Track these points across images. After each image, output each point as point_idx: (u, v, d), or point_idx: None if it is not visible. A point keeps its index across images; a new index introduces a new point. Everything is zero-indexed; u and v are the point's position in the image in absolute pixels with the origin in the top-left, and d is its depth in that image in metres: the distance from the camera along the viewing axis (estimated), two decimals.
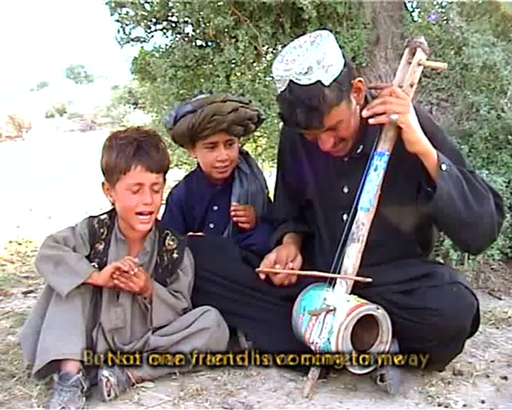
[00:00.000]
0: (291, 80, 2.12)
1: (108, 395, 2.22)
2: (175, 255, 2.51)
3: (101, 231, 2.42)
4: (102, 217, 2.45)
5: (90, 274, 2.29)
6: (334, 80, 2.13)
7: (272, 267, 2.47)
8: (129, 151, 2.32)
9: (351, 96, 2.22)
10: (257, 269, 2.48)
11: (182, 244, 2.53)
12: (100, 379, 2.23)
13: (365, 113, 2.20)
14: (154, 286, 2.41)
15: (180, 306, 2.49)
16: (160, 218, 2.66)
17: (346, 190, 2.43)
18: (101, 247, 2.40)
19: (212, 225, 2.99)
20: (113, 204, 2.46)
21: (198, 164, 3.07)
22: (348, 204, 2.32)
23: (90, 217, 2.45)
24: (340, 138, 2.29)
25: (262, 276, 2.49)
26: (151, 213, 2.39)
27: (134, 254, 2.45)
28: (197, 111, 2.80)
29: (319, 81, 2.10)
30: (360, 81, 2.24)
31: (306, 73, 2.09)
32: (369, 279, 2.19)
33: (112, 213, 2.47)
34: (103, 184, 2.42)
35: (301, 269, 2.47)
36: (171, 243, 2.52)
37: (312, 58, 2.10)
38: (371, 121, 2.18)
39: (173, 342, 2.39)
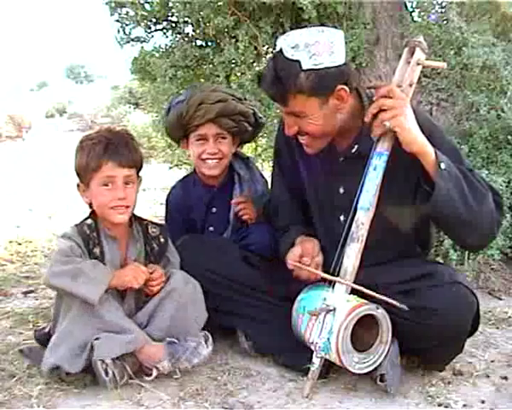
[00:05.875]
0: (281, 48, 2.19)
1: (107, 375, 2.23)
2: (162, 240, 2.57)
3: (94, 234, 2.42)
4: (88, 222, 2.45)
5: (110, 278, 2.34)
6: (314, 70, 2.15)
7: (300, 261, 2.40)
8: (99, 149, 2.37)
9: (329, 99, 2.23)
10: (289, 262, 2.40)
11: (164, 229, 2.61)
12: (94, 362, 2.25)
13: (372, 135, 2.20)
14: None
15: None
16: (158, 222, 2.69)
17: (341, 190, 2.44)
18: (97, 250, 2.41)
19: (211, 228, 2.99)
20: (89, 206, 2.48)
21: (195, 168, 3.07)
22: (344, 205, 2.33)
23: (77, 225, 2.45)
24: (305, 132, 2.30)
25: (291, 267, 2.40)
26: (127, 207, 2.43)
27: (126, 250, 2.50)
28: (185, 100, 2.82)
29: (298, 61, 2.15)
30: (344, 90, 2.22)
31: (293, 48, 2.15)
32: (405, 307, 2.13)
33: (93, 216, 2.48)
34: (78, 185, 2.45)
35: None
36: (154, 230, 2.57)
37: (304, 39, 2.15)
38: (372, 135, 2.19)
39: (149, 314, 2.43)
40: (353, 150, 2.37)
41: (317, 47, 2.14)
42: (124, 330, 2.31)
